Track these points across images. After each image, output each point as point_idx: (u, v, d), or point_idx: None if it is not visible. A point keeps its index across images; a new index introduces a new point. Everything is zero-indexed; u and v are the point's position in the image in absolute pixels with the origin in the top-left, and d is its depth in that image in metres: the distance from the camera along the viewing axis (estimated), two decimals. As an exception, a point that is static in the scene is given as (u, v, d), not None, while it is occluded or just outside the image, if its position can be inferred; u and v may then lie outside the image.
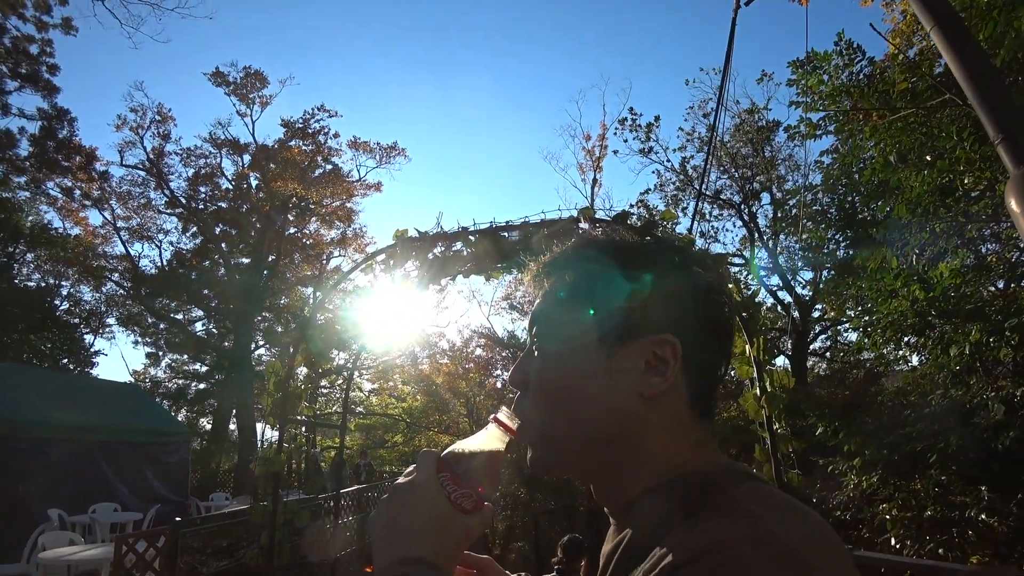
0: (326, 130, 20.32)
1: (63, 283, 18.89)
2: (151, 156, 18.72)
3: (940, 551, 4.43)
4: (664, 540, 0.45)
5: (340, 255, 21.44)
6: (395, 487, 0.60)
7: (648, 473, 0.55)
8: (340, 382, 20.53)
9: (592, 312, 0.58)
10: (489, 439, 0.62)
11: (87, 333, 19.61)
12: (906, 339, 6.00)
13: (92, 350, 19.44)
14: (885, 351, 6.69)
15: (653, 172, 15.29)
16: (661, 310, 0.57)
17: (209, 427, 20.16)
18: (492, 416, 0.63)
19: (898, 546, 4.62)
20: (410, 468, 0.62)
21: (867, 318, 6.47)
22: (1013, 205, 2.11)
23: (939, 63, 5.71)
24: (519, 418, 0.62)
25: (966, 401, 5.14)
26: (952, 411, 5.29)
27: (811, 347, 14.78)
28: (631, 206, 15.35)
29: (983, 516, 4.36)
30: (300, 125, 20.06)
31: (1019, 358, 5.12)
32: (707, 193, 13.74)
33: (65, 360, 18.21)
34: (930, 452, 5.08)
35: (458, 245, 3.13)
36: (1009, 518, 4.19)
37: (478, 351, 17.67)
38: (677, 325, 0.56)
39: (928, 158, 5.12)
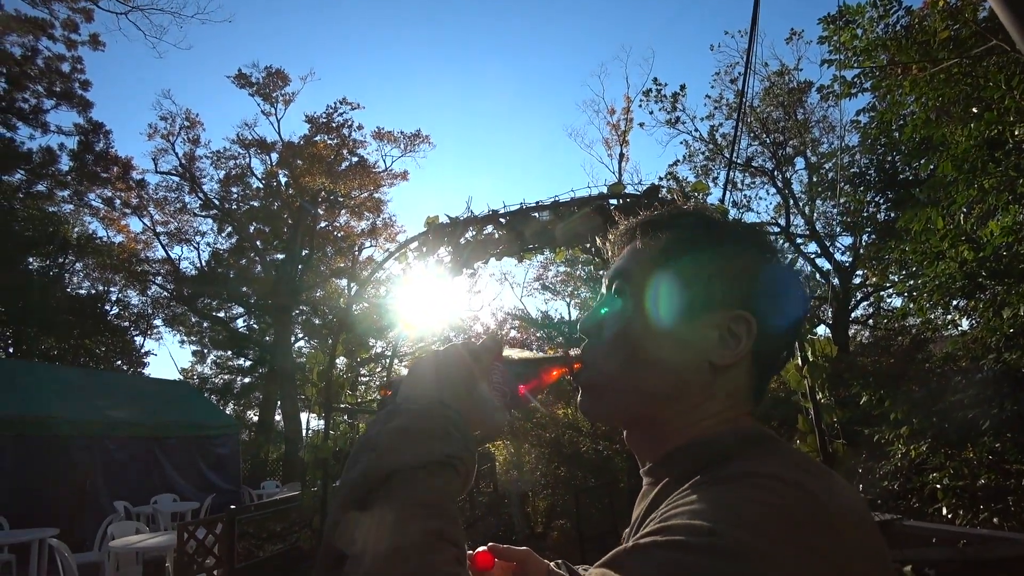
0: (350, 123, 20.53)
1: (111, 289, 19.81)
2: (183, 161, 19.30)
3: (995, 520, 4.28)
4: (692, 479, 0.50)
5: (371, 245, 21.80)
6: (455, 344, 0.62)
7: (688, 432, 0.59)
8: (380, 370, 21.02)
9: (680, 277, 0.61)
10: (549, 363, 0.66)
11: (137, 335, 20.57)
12: (955, 302, 5.76)
13: (143, 351, 20.42)
14: (932, 316, 6.43)
15: (681, 143, 15.04)
16: (744, 288, 0.60)
17: (256, 419, 21.00)
18: (563, 349, 0.67)
19: (950, 516, 4.49)
20: (465, 340, 0.64)
21: (912, 282, 6.22)
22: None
23: (983, 7, 5.36)
24: (583, 362, 0.65)
25: (1022, 365, 4.92)
26: (1006, 376, 5.07)
27: (852, 315, 14.32)
28: (660, 179, 15.04)
29: (1042, 483, 4.19)
30: (324, 120, 20.30)
31: (1079, 317, 4.86)
32: (738, 161, 13.34)
33: (119, 362, 19.16)
34: (983, 419, 4.89)
35: (489, 228, 3.14)
36: (1071, 484, 4.02)
37: (512, 333, 17.75)
38: (756, 305, 0.59)
39: (974, 110, 4.83)
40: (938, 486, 4.63)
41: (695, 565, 0.38)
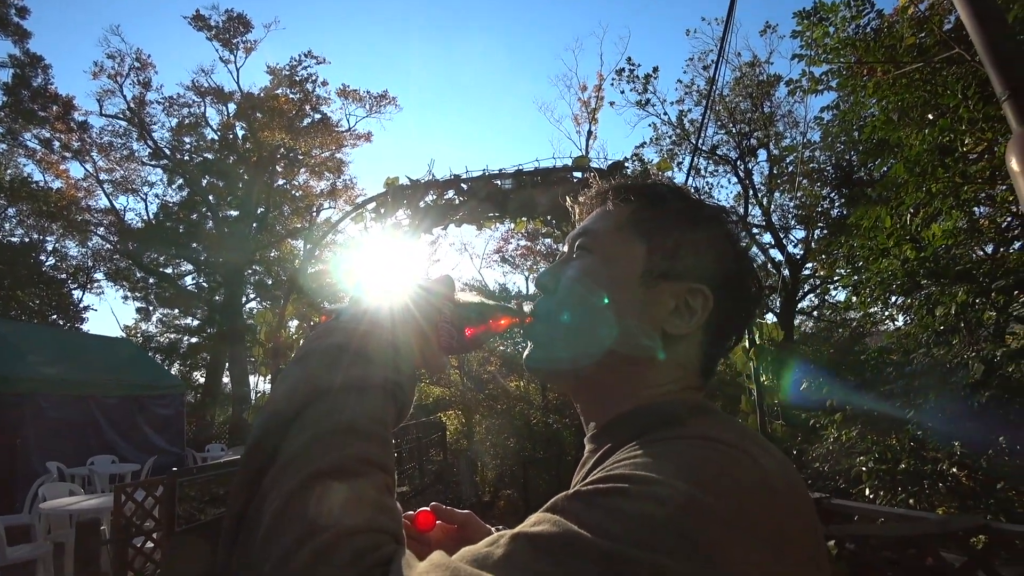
0: (314, 78, 19.68)
1: (48, 238, 18.58)
2: (132, 105, 18.08)
3: (911, 501, 4.62)
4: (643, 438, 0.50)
5: (330, 207, 21.20)
6: (407, 279, 0.61)
7: (640, 399, 0.59)
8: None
9: (647, 242, 0.61)
10: (501, 311, 0.65)
11: (75, 288, 19.44)
12: (894, 299, 6.07)
13: (81, 305, 19.32)
14: (873, 310, 6.77)
15: (649, 125, 15.01)
16: (706, 264, 0.60)
17: (203, 380, 20.36)
18: (516, 300, 0.65)
19: (872, 496, 4.82)
20: (433, 277, 0.63)
21: (856, 277, 6.52)
22: (1013, 164, 2.07)
23: (948, 20, 5.54)
24: (535, 315, 0.65)
25: (947, 361, 5.25)
26: (933, 370, 5.41)
27: (799, 305, 14.96)
28: (626, 159, 15.12)
29: (954, 470, 4.53)
30: (287, 72, 19.36)
31: (1001, 320, 5.21)
32: (703, 148, 13.54)
33: (54, 316, 18.08)
34: (909, 409, 5.22)
35: (450, 193, 3.08)
36: (978, 472, 4.36)
37: (470, 305, 17.78)
38: (714, 282, 0.59)
39: (930, 116, 5.03)
40: (864, 469, 4.94)
41: (636, 510, 0.38)
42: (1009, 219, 5.66)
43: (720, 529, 0.37)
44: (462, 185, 3.07)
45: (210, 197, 19.30)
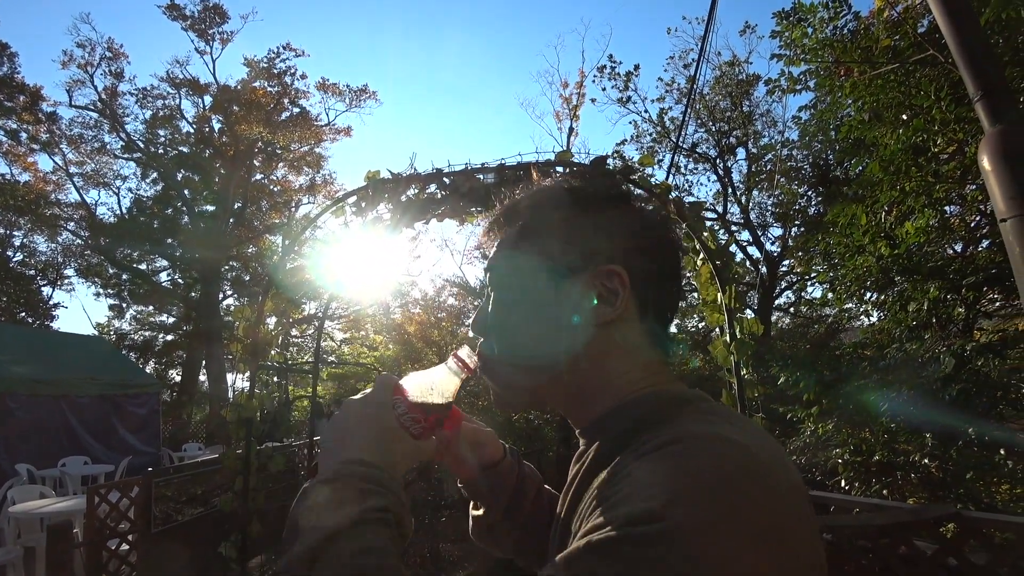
0: (293, 70, 19.35)
1: (15, 233, 17.97)
2: (103, 96, 17.55)
3: (884, 492, 4.74)
4: (628, 445, 0.49)
5: (309, 202, 20.91)
6: (348, 401, 0.63)
7: (611, 394, 0.58)
8: (311, 332, 20.39)
9: (540, 249, 0.60)
10: (447, 374, 0.64)
11: (44, 285, 18.85)
12: (868, 295, 6.22)
13: (51, 303, 18.77)
14: (848, 306, 6.91)
15: (630, 123, 15.11)
16: (606, 242, 0.59)
17: (179, 379, 19.93)
18: (453, 352, 0.65)
19: (847, 488, 4.93)
20: (367, 389, 0.64)
21: (832, 273, 6.65)
22: (985, 163, 2.13)
23: (922, 23, 5.67)
24: (480, 359, 0.65)
25: (919, 355, 5.39)
26: (906, 364, 5.56)
27: (776, 302, 15.23)
28: (607, 157, 15.16)
29: (925, 460, 4.66)
30: (265, 64, 19.01)
31: (970, 316, 5.38)
32: (683, 146, 13.67)
33: (23, 313, 17.53)
34: (883, 402, 5.35)
35: (432, 187, 3.05)
36: (948, 463, 4.49)
37: (450, 300, 17.61)
38: (624, 256, 0.58)
39: (904, 117, 5.15)
40: (839, 461, 5.05)
41: (644, 557, 0.36)
42: (978, 218, 5.83)
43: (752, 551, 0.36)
44: (444, 179, 3.04)
45: (185, 191, 18.87)
